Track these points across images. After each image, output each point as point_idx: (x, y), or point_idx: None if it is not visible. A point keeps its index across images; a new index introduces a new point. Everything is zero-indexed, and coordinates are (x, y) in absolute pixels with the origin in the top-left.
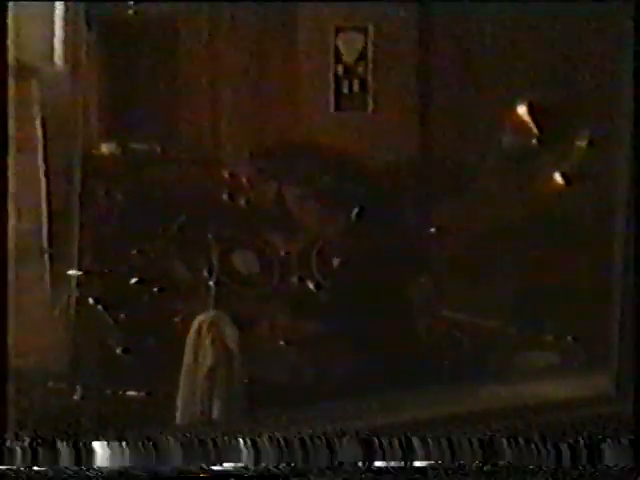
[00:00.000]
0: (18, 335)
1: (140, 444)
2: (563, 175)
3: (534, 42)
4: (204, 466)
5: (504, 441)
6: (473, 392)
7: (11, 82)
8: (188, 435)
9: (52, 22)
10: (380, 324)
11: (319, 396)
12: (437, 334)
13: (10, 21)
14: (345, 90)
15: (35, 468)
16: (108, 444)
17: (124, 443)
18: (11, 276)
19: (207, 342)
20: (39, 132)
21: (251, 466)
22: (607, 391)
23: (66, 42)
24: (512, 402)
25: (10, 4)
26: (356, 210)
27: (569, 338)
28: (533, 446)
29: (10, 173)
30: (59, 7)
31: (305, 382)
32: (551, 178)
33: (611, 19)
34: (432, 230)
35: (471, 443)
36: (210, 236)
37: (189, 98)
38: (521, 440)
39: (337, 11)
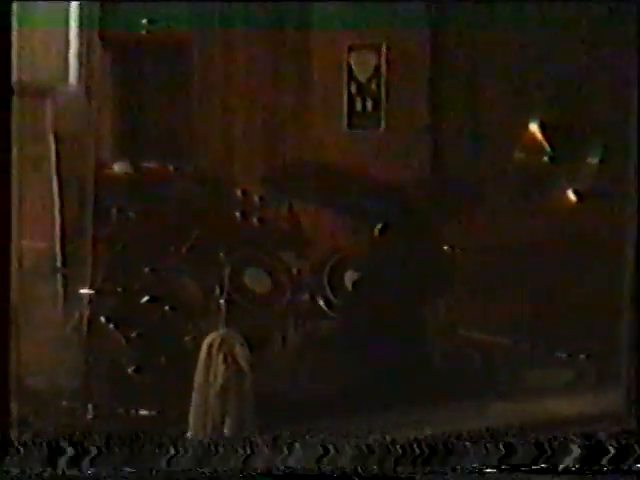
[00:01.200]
0: (30, 354)
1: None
2: (575, 192)
3: (546, 60)
4: None
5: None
6: (486, 409)
7: (23, 102)
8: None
9: (67, 42)
10: (393, 342)
11: (330, 412)
12: (450, 352)
13: (23, 41)
14: (358, 108)
15: None
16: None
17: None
18: (24, 295)
19: (218, 360)
20: (53, 151)
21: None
22: (618, 408)
23: (80, 62)
24: (524, 418)
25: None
26: (371, 228)
27: (582, 356)
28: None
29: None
30: (73, 28)
31: (318, 399)
32: (564, 195)
33: (624, 37)
34: (445, 248)
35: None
36: (222, 254)
37: (202, 117)
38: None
39: (350, 30)
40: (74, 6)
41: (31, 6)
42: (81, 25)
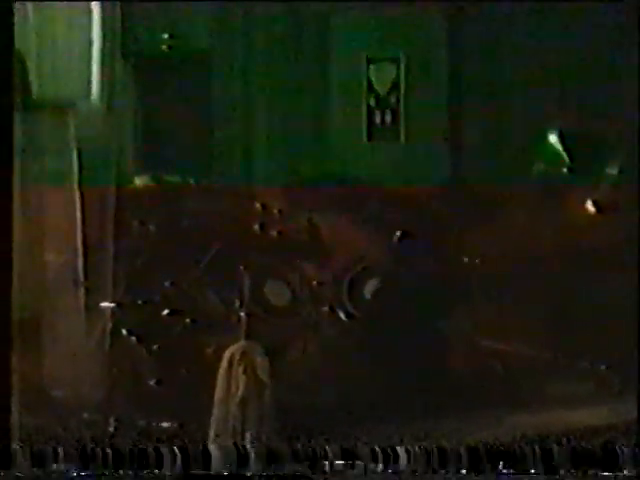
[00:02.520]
0: (54, 367)
1: None
2: (595, 203)
3: (565, 70)
4: None
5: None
6: (506, 420)
7: (45, 117)
8: None
9: (89, 58)
10: (413, 353)
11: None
12: (472, 362)
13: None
14: (377, 121)
15: None
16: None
17: None
18: (47, 308)
19: (239, 372)
20: (75, 166)
21: None
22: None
23: (102, 78)
24: (545, 430)
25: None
26: (390, 240)
27: (602, 367)
28: (563, 473)
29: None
30: (96, 43)
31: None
32: (583, 206)
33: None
34: (465, 258)
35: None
36: (241, 267)
37: (222, 131)
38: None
39: (369, 42)
40: (96, 21)
41: (52, 21)
42: (103, 40)
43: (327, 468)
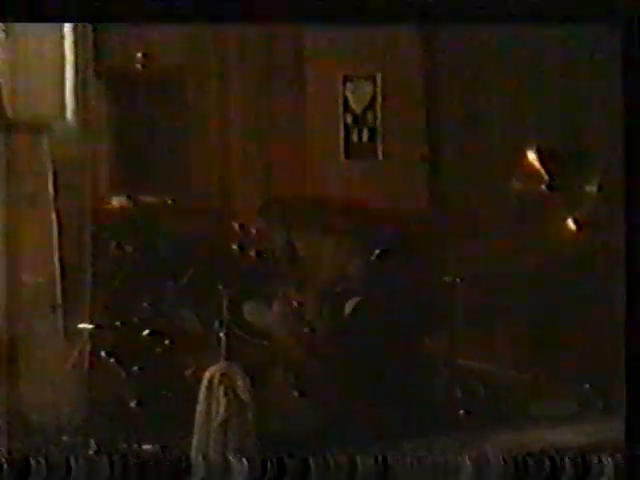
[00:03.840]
0: (32, 390)
1: None
2: (575, 221)
3: (542, 88)
4: None
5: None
6: (489, 439)
7: (20, 138)
8: None
9: (63, 78)
10: (395, 373)
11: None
12: (453, 383)
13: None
14: (355, 139)
15: None
16: None
17: None
18: (24, 330)
19: (220, 393)
20: (50, 186)
21: None
22: (621, 437)
23: (77, 97)
24: (527, 449)
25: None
26: (369, 259)
27: (586, 386)
28: None
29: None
30: (69, 63)
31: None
32: (563, 224)
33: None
34: (445, 277)
35: None
36: (220, 287)
37: (199, 150)
38: None
39: (345, 60)
40: (69, 42)
41: (26, 43)
42: (76, 60)
43: None
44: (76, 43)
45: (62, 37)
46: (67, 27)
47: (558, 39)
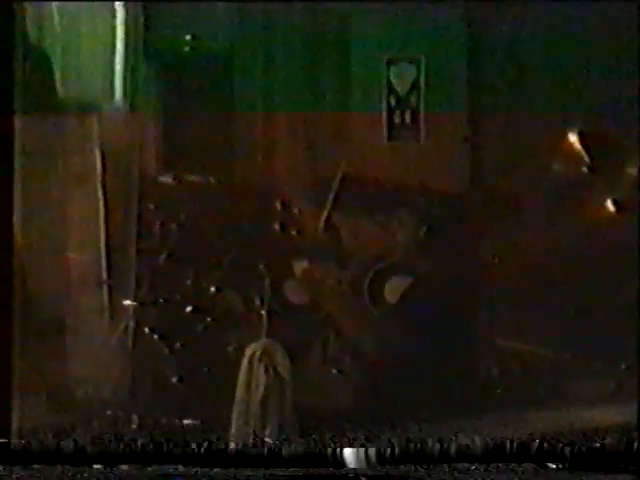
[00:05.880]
0: (78, 365)
1: None
2: (614, 202)
3: (586, 70)
4: None
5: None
6: (525, 419)
7: (69, 118)
8: None
9: (112, 59)
10: (433, 352)
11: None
12: (490, 362)
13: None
14: (397, 121)
15: None
16: None
17: None
18: (70, 307)
19: (260, 370)
20: (98, 166)
21: None
22: None
23: (125, 78)
24: (564, 429)
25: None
26: (410, 240)
27: (622, 366)
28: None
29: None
30: (119, 45)
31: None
32: (603, 205)
33: None
34: (485, 258)
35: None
36: (262, 266)
37: (243, 131)
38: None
39: (389, 43)
40: (119, 23)
41: (76, 24)
42: (126, 42)
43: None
44: (126, 24)
45: (113, 18)
46: (118, 8)
47: (604, 19)
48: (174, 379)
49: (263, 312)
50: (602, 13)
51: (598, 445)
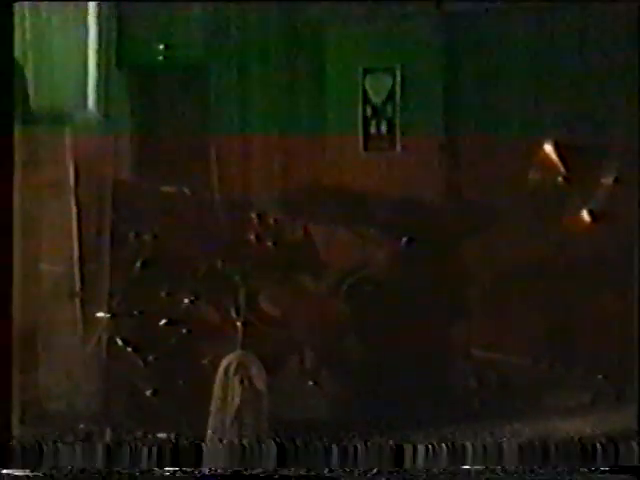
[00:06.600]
0: (49, 378)
1: None
2: (590, 212)
3: (562, 79)
4: None
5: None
6: (502, 430)
7: (42, 128)
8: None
9: (85, 69)
10: (409, 362)
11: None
12: (467, 373)
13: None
14: (373, 131)
15: None
16: None
17: None
18: (43, 319)
19: (235, 382)
20: (71, 177)
21: None
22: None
23: (98, 88)
24: (541, 439)
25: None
26: (386, 249)
27: (599, 376)
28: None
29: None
30: (91, 55)
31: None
32: (578, 216)
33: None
34: (461, 268)
35: None
36: (237, 277)
37: (218, 141)
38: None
39: (365, 53)
40: (92, 32)
41: (48, 34)
42: (99, 51)
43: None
44: (99, 35)
45: (85, 29)
46: (91, 16)
47: (575, 26)
48: (148, 392)
49: (238, 324)
50: (578, 24)
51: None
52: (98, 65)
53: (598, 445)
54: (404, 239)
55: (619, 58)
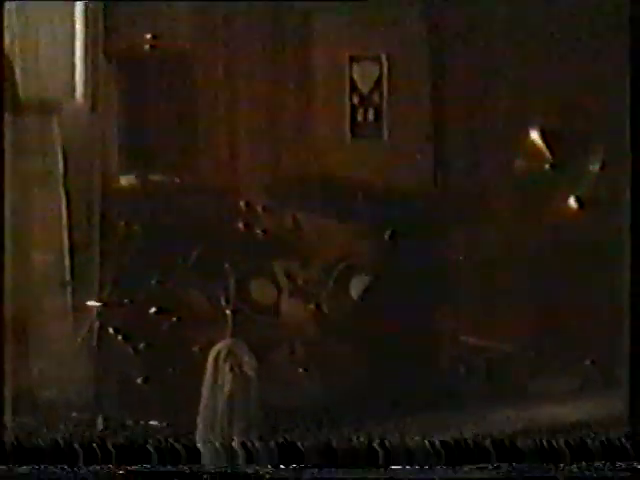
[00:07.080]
0: (41, 367)
1: None
2: (577, 199)
3: (549, 65)
4: None
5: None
6: (489, 416)
7: (30, 118)
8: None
9: (73, 59)
10: (397, 350)
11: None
12: (454, 359)
13: (29, 58)
14: (360, 119)
15: None
16: None
17: None
18: (33, 308)
19: (225, 370)
20: (60, 166)
21: None
22: (622, 414)
23: (86, 78)
24: (528, 426)
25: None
26: (374, 237)
27: (587, 362)
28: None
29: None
30: (79, 44)
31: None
32: (565, 202)
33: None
34: (448, 256)
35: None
36: (227, 265)
37: (206, 129)
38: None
39: (352, 41)
40: (79, 23)
41: (35, 23)
42: (86, 41)
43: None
44: (86, 24)
45: (73, 18)
46: (78, 8)
47: (562, 11)
48: (139, 380)
49: (228, 312)
50: (565, 8)
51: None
52: (85, 54)
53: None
54: (390, 228)
55: (606, 43)
